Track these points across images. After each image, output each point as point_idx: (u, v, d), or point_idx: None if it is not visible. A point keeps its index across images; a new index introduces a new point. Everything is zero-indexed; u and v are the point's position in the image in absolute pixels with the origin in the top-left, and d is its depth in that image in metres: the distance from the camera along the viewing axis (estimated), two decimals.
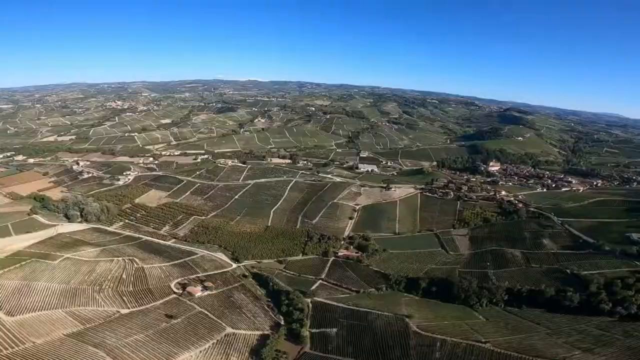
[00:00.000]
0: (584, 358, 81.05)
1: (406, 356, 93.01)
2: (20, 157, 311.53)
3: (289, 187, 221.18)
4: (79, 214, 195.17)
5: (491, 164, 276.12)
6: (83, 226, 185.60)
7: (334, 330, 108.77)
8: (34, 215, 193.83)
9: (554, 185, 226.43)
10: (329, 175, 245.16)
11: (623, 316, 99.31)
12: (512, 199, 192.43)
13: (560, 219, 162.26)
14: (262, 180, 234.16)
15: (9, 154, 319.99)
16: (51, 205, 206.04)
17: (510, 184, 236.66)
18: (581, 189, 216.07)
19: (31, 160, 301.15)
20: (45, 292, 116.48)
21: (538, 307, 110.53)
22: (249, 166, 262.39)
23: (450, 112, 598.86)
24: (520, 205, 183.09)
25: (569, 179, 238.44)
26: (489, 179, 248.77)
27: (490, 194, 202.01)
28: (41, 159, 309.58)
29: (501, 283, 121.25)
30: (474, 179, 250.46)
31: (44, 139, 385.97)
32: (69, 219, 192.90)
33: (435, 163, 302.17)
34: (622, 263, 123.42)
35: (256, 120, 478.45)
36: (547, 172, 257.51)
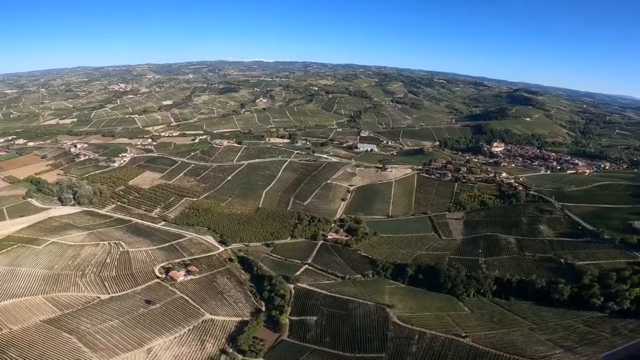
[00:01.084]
0: (564, 358, 75.90)
1: (383, 348, 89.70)
2: (21, 141, 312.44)
3: (282, 168, 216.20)
4: (71, 197, 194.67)
5: (495, 144, 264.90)
6: (75, 209, 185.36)
7: (314, 318, 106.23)
8: (29, 199, 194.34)
9: (558, 168, 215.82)
10: (325, 155, 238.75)
11: (614, 312, 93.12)
12: (512, 181, 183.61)
13: (561, 203, 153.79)
14: (257, 160, 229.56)
15: (10, 137, 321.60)
16: (46, 188, 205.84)
17: (513, 165, 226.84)
18: (587, 171, 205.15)
19: (31, 144, 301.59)
20: (28, 278, 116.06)
21: (527, 299, 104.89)
22: (244, 146, 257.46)
23: (457, 92, 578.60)
24: (520, 188, 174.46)
25: (576, 161, 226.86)
26: (491, 160, 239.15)
27: (490, 175, 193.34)
28: (41, 142, 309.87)
29: (491, 272, 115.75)
30: (476, 160, 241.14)
31: (46, 123, 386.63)
32: (62, 202, 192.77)
33: (437, 143, 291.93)
34: (620, 253, 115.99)
35: (258, 100, 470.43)
36: (553, 154, 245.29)
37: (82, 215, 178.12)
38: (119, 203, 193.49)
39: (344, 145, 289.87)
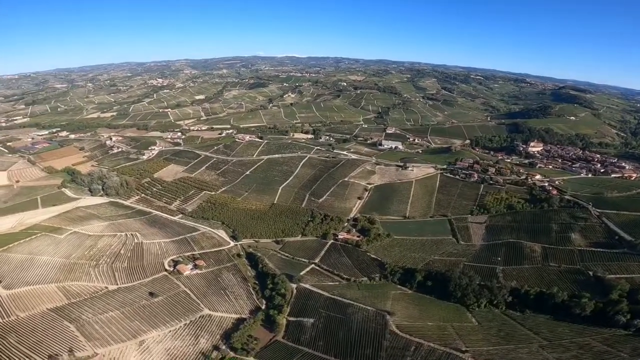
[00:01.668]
0: None
1: (376, 358, 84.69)
2: (64, 133, 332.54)
3: (301, 164, 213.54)
4: (100, 188, 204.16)
5: (532, 144, 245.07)
6: (102, 200, 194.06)
7: (310, 320, 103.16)
8: (63, 189, 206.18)
9: (602, 171, 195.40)
10: (345, 152, 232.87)
11: None
12: (545, 184, 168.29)
13: (599, 210, 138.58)
14: (276, 156, 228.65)
15: (54, 130, 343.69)
16: (79, 179, 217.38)
17: (550, 167, 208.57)
18: (634, 175, 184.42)
19: (72, 136, 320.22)
20: (45, 267, 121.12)
21: (545, 313, 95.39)
22: (265, 141, 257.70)
23: (496, 88, 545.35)
24: (554, 192, 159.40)
25: (622, 164, 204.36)
26: (526, 161, 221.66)
27: (521, 177, 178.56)
28: (82, 134, 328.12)
29: (508, 282, 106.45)
30: (509, 160, 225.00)
31: (89, 116, 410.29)
32: (92, 192, 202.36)
33: (468, 141, 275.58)
34: None
35: (286, 95, 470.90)
36: (598, 156, 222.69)
37: (107, 205, 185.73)
38: (142, 195, 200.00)
39: (368, 142, 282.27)
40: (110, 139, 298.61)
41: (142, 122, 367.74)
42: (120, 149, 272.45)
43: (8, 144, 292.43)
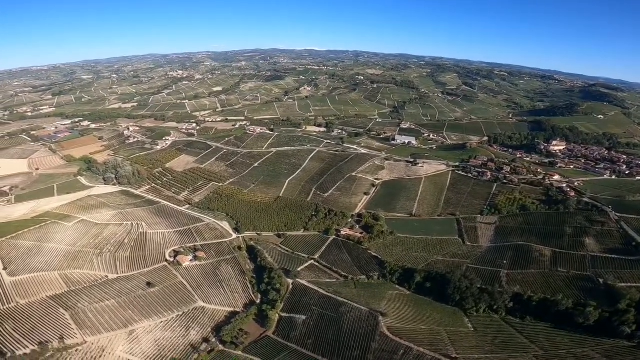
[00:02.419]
0: None
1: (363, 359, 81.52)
2: (85, 123, 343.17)
3: (310, 157, 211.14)
4: (114, 177, 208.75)
5: (554, 142, 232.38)
6: (115, 188, 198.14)
7: (302, 317, 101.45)
8: (79, 177, 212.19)
9: (627, 172, 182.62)
10: (354, 146, 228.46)
11: None
12: (563, 185, 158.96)
13: (619, 214, 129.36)
14: (285, 148, 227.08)
15: (76, 119, 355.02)
16: (95, 168, 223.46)
17: (572, 167, 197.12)
18: None
19: (93, 126, 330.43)
20: (51, 254, 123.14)
21: (546, 321, 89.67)
22: (275, 134, 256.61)
23: (521, 85, 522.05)
24: (572, 193, 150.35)
25: None
26: (546, 160, 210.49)
27: (538, 177, 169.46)
28: (102, 124, 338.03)
29: (511, 287, 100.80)
30: (528, 159, 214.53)
31: (110, 106, 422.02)
32: (105, 181, 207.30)
33: (485, 138, 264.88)
34: None
35: (302, 88, 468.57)
36: (625, 156, 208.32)
37: (118, 194, 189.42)
38: (153, 184, 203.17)
39: (381, 136, 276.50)
40: (128, 129, 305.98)
41: (160, 112, 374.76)
42: (136, 139, 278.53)
43: (32, 132, 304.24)
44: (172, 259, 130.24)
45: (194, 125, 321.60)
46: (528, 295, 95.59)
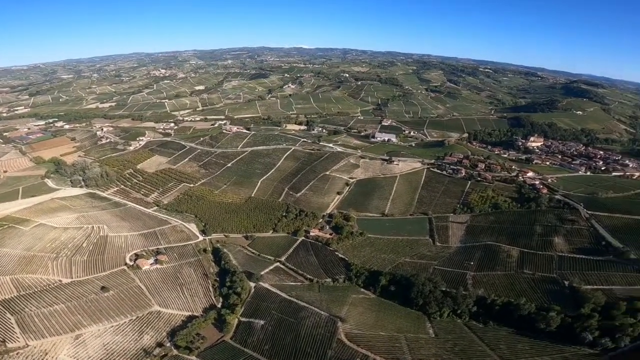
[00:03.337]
0: None
1: None
2: (60, 124, 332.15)
3: (284, 156, 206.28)
4: (81, 179, 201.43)
5: (532, 139, 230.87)
6: (81, 191, 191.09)
7: (261, 322, 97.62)
8: (46, 180, 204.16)
9: (603, 168, 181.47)
10: (331, 145, 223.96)
11: (607, 349, 72.71)
12: (536, 182, 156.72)
13: (590, 212, 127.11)
14: (260, 147, 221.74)
15: (51, 120, 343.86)
16: (63, 169, 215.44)
17: (548, 163, 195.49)
18: (637, 174, 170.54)
19: (67, 126, 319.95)
20: (4, 259, 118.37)
21: (509, 326, 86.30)
22: (252, 132, 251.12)
23: (504, 82, 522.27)
24: (544, 190, 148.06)
25: (626, 162, 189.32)
26: (523, 156, 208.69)
27: (512, 174, 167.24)
28: (77, 124, 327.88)
29: (476, 290, 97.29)
30: (505, 155, 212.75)
31: (88, 106, 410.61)
32: (72, 183, 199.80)
33: (466, 135, 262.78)
34: None
35: (286, 86, 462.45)
36: (601, 152, 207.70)
37: (83, 197, 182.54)
38: (122, 186, 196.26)
39: (362, 134, 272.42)
40: (102, 129, 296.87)
41: (138, 112, 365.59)
42: (108, 140, 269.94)
43: (5, 134, 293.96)
44: (132, 263, 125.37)
45: (172, 124, 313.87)
46: (492, 299, 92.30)
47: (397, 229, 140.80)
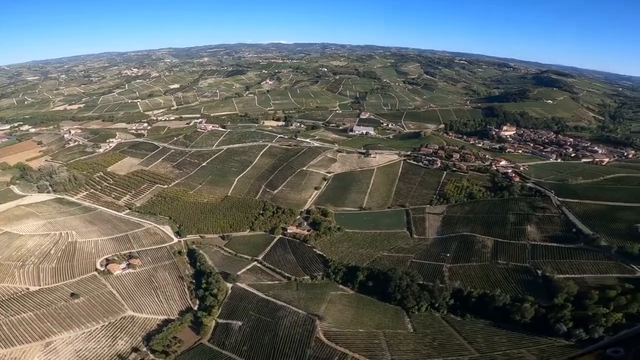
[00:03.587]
0: None
1: None
2: (25, 127, 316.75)
3: (261, 153, 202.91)
4: (48, 184, 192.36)
5: (505, 128, 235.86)
6: (48, 197, 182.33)
7: (239, 323, 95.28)
8: (11, 186, 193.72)
9: (573, 155, 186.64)
10: (308, 140, 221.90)
11: (582, 340, 73.04)
12: (509, 170, 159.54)
13: (561, 198, 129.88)
14: (236, 145, 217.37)
15: (16, 124, 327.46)
16: (29, 175, 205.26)
17: (520, 151, 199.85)
18: (606, 160, 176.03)
19: (33, 130, 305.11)
20: None
21: (486, 318, 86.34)
22: (227, 130, 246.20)
23: (479, 73, 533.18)
24: (517, 179, 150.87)
25: (595, 148, 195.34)
26: (496, 145, 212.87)
27: (486, 164, 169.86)
28: (43, 128, 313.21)
29: (453, 282, 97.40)
30: (480, 145, 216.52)
31: (55, 109, 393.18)
32: (39, 189, 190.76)
33: (442, 126, 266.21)
34: (614, 266, 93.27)
35: (263, 82, 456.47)
36: (571, 139, 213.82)
37: (51, 203, 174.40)
38: (92, 190, 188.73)
39: (340, 128, 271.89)
40: (69, 132, 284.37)
41: (109, 113, 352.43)
42: (77, 142, 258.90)
43: None
44: (102, 268, 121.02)
45: (145, 125, 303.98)
46: (468, 291, 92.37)
47: (375, 223, 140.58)
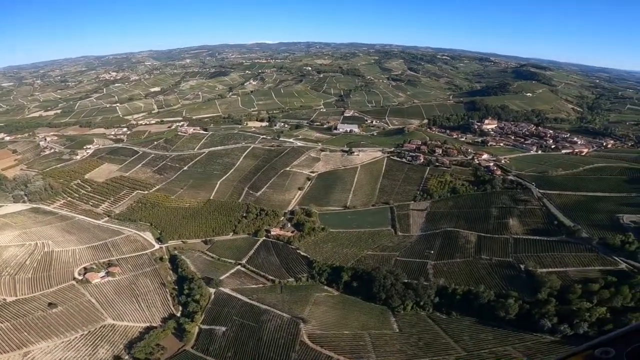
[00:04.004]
0: None
1: None
2: (0, 135, 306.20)
3: (243, 155, 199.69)
4: (23, 193, 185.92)
5: (486, 121, 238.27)
6: (24, 206, 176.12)
7: (222, 329, 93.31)
8: None
9: (553, 146, 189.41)
10: (291, 139, 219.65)
11: (568, 336, 72.78)
12: (491, 164, 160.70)
13: (542, 190, 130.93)
14: (218, 148, 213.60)
15: None
16: (4, 185, 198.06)
17: (502, 144, 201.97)
18: (585, 151, 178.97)
19: (7, 138, 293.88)
20: None
21: (471, 315, 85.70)
22: (209, 133, 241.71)
23: (461, 68, 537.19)
24: (498, 172, 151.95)
25: (574, 139, 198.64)
26: (479, 139, 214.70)
27: (468, 157, 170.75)
28: (19, 135, 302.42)
29: (437, 280, 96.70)
30: (463, 139, 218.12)
31: (30, 115, 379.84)
32: (14, 199, 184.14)
33: (425, 121, 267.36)
34: (596, 258, 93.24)
35: (247, 83, 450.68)
36: (551, 131, 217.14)
37: (26, 212, 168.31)
38: (69, 198, 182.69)
39: (324, 126, 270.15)
40: (45, 139, 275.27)
41: (87, 119, 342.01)
42: (53, 150, 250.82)
43: None
44: (80, 277, 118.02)
45: (125, 129, 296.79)
46: (452, 288, 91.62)
47: (359, 221, 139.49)
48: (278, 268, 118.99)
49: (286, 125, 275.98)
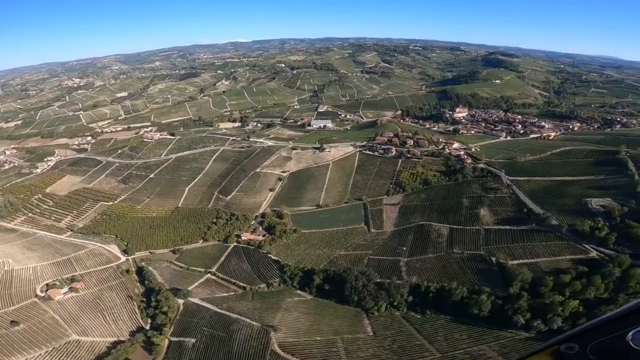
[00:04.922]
0: None
1: None
2: None
3: (213, 159, 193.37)
4: None
5: (457, 110, 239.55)
6: None
7: (192, 340, 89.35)
8: None
9: (522, 132, 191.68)
10: (262, 139, 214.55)
11: (542, 332, 71.56)
12: (461, 152, 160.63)
13: (511, 177, 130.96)
14: (186, 152, 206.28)
15: None
16: None
17: (472, 132, 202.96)
18: (552, 134, 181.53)
19: None
20: None
21: (446, 313, 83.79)
22: (177, 137, 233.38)
23: (433, 58, 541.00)
24: (469, 160, 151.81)
25: (542, 123, 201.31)
26: (450, 128, 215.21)
27: (439, 147, 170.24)
28: None
29: (410, 278, 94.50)
30: (435, 128, 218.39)
31: None
32: None
33: (399, 112, 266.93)
34: (567, 247, 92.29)
35: (219, 83, 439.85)
36: (519, 117, 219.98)
37: None
38: (30, 214, 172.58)
39: (298, 123, 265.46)
40: (4, 153, 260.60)
41: (49, 129, 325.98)
42: (12, 164, 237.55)
43: None
44: (42, 294, 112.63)
45: (89, 138, 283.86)
46: (425, 286, 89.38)
47: (332, 220, 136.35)
48: (249, 274, 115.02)
49: (258, 125, 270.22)
